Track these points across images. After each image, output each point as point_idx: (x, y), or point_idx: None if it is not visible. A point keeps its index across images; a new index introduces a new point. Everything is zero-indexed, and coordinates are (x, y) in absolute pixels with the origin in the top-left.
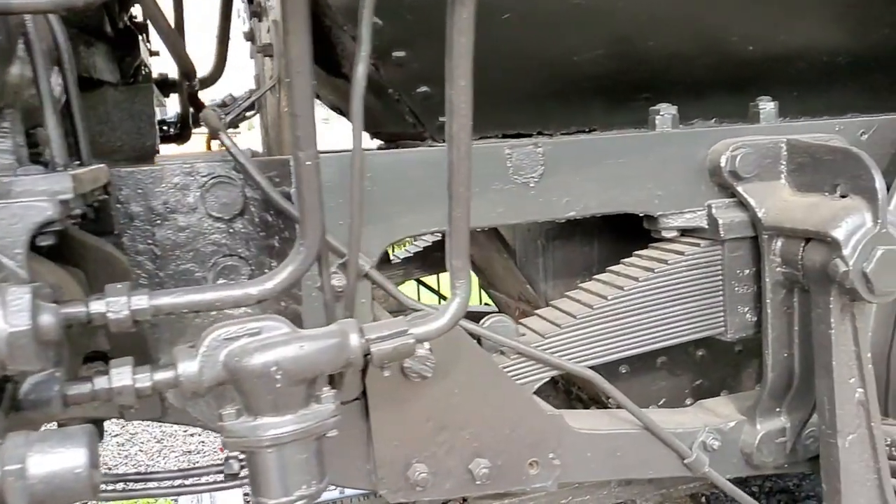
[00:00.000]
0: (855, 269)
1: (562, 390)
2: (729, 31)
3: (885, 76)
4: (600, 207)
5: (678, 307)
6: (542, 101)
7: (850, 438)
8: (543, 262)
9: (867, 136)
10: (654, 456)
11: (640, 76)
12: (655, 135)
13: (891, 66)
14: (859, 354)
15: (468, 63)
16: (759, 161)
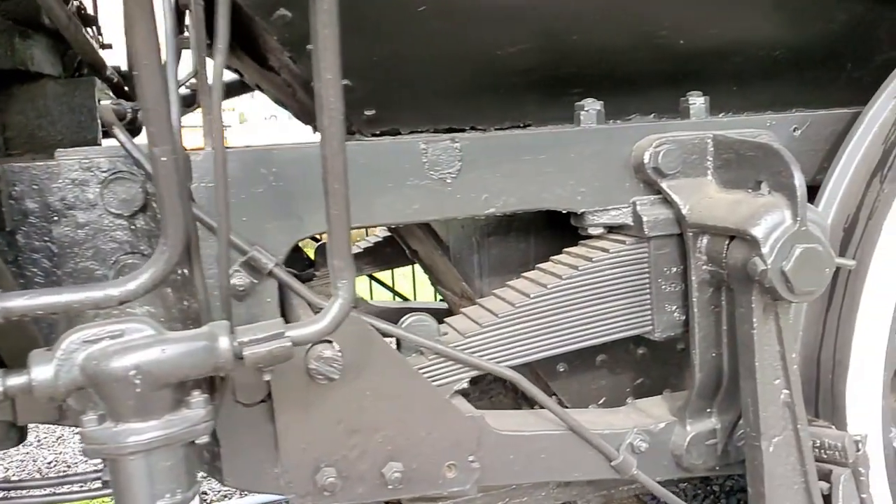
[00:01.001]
0: (774, 267)
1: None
2: (657, 25)
3: (828, 71)
4: (520, 204)
5: (603, 305)
6: (472, 95)
7: (776, 441)
8: (479, 259)
9: (800, 131)
10: (581, 458)
11: (569, 71)
12: (577, 131)
13: (833, 61)
14: (784, 355)
15: (335, 56)
16: (684, 157)
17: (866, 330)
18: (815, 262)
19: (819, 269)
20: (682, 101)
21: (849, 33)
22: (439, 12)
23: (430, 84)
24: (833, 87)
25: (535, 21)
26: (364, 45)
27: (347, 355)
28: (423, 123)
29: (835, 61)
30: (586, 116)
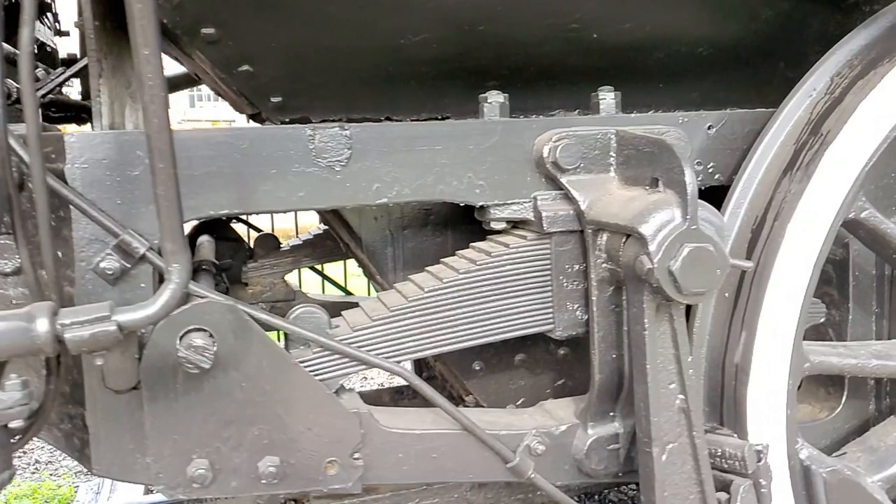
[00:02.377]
0: (660, 266)
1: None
2: (566, 18)
3: (759, 70)
4: (414, 195)
5: (501, 302)
6: (384, 85)
7: (671, 448)
8: (393, 253)
9: (716, 130)
10: (476, 459)
11: (478, 63)
12: (474, 123)
13: (764, 60)
14: (679, 358)
15: (151, 30)
16: (585, 153)
17: (769, 335)
18: (705, 262)
19: (709, 270)
20: (592, 95)
21: (777, 31)
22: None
23: (339, 73)
24: (768, 87)
25: (435, 9)
26: (264, 30)
27: (222, 345)
28: (336, 112)
29: (766, 60)
30: (489, 109)
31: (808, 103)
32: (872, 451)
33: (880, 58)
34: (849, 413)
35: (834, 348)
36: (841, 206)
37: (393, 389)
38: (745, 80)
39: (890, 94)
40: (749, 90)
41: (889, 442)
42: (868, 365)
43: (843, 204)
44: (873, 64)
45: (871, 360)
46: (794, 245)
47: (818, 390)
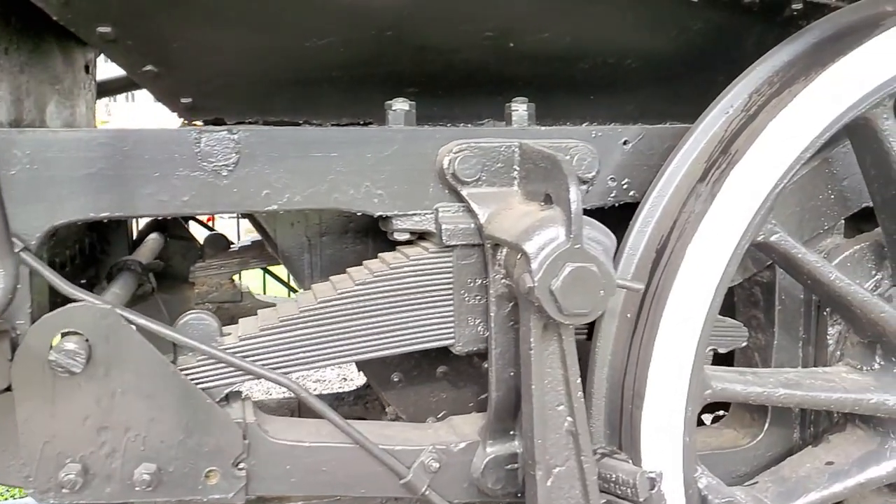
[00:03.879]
0: (541, 285)
1: None
2: (478, 25)
3: (696, 84)
4: (306, 203)
5: (400, 314)
6: (298, 89)
7: (557, 472)
8: (311, 260)
9: (631, 145)
10: (369, 473)
11: (394, 68)
12: (372, 130)
13: (699, 74)
14: (568, 379)
15: None
16: (486, 165)
17: (665, 360)
18: (588, 282)
19: (592, 291)
20: (506, 107)
21: (711, 44)
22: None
23: (249, 74)
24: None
25: (338, 12)
26: (164, 30)
27: (97, 350)
28: (252, 114)
29: (702, 74)
30: (393, 116)
31: (723, 120)
32: (783, 482)
33: (797, 76)
34: (771, 440)
35: (741, 375)
36: (747, 228)
37: (333, 395)
38: (684, 93)
39: (802, 114)
40: (689, 104)
41: (801, 473)
42: (775, 394)
43: (749, 226)
44: (790, 82)
45: (779, 389)
46: (693, 267)
47: (744, 416)
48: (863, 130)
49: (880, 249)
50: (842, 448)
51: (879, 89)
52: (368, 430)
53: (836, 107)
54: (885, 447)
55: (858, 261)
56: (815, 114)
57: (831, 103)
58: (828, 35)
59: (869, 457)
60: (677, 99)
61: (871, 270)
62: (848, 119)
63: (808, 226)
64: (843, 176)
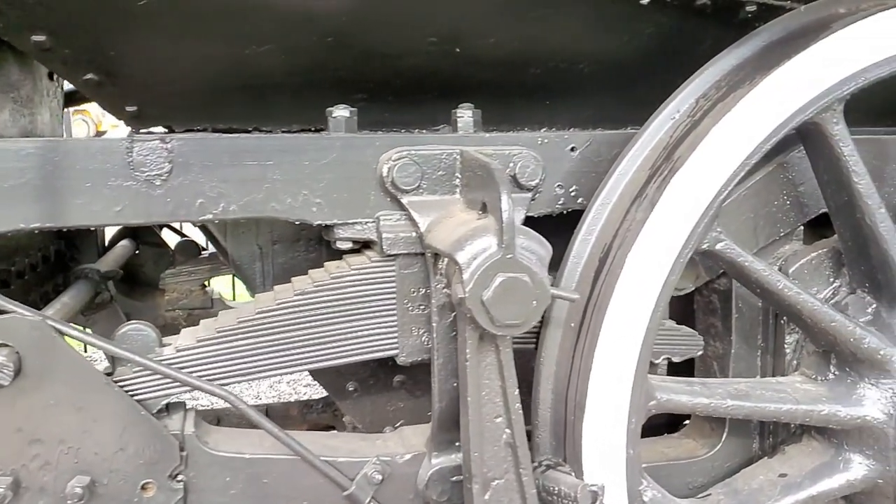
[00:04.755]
0: (473, 296)
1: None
2: (421, 31)
3: (654, 89)
4: (242, 212)
5: (342, 324)
6: (243, 95)
7: (495, 485)
8: (262, 268)
9: (579, 151)
10: (311, 485)
11: (339, 75)
12: (309, 138)
13: (656, 78)
14: (506, 390)
15: None
16: (426, 173)
17: (605, 370)
18: (520, 293)
19: (525, 301)
20: (452, 113)
21: (665, 48)
22: (168, 4)
23: (193, 81)
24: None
25: (273, 19)
26: (100, 38)
27: (28, 362)
28: (200, 122)
29: (659, 78)
30: (334, 123)
31: (669, 126)
32: (735, 494)
33: (743, 80)
34: (730, 451)
35: (689, 385)
36: (689, 236)
37: (302, 403)
38: (642, 98)
39: (745, 120)
40: (648, 109)
41: (753, 485)
42: (722, 405)
43: (692, 235)
44: (736, 86)
45: (727, 401)
46: (633, 276)
47: (703, 426)
48: (814, 135)
49: (838, 256)
50: (797, 460)
51: (827, 93)
52: (313, 442)
53: (781, 111)
54: (838, 459)
55: (816, 268)
56: (759, 119)
57: (777, 108)
58: (777, 38)
59: (822, 469)
60: (635, 104)
61: (829, 278)
62: (795, 124)
63: (763, 232)
64: (799, 181)
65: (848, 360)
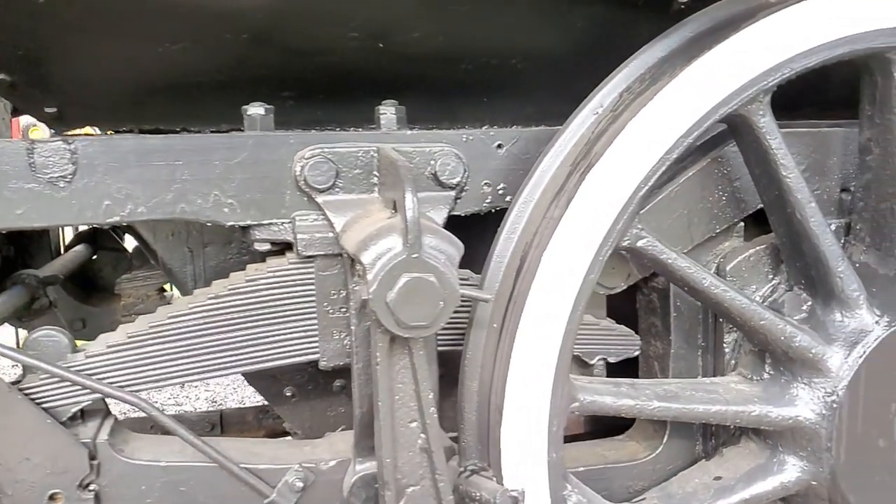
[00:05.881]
0: (377, 297)
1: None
2: (341, 27)
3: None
4: (152, 213)
5: (260, 328)
6: (166, 95)
7: (411, 491)
8: (194, 271)
9: (506, 148)
10: (231, 493)
11: (262, 73)
12: (219, 137)
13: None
14: (420, 394)
15: None
16: (343, 171)
17: (524, 372)
18: (427, 293)
19: (431, 302)
20: (376, 110)
21: (600, 41)
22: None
23: (112, 82)
24: None
25: (183, 17)
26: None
27: None
28: (125, 123)
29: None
30: (248, 122)
31: (592, 121)
32: (669, 498)
33: (666, 72)
34: (672, 454)
35: (616, 386)
36: (608, 233)
37: (258, 409)
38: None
39: (663, 113)
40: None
41: (688, 488)
42: (648, 407)
43: (610, 232)
44: (658, 79)
45: (652, 402)
46: (550, 275)
47: (646, 428)
48: (742, 128)
49: (778, 253)
50: (733, 462)
51: (751, 84)
52: (237, 449)
53: (702, 104)
54: (773, 461)
55: (754, 265)
56: (678, 112)
57: (697, 100)
58: (704, 28)
59: (757, 471)
60: (577, 100)
61: (768, 275)
62: (719, 116)
63: (698, 229)
64: (734, 176)
65: (781, 359)
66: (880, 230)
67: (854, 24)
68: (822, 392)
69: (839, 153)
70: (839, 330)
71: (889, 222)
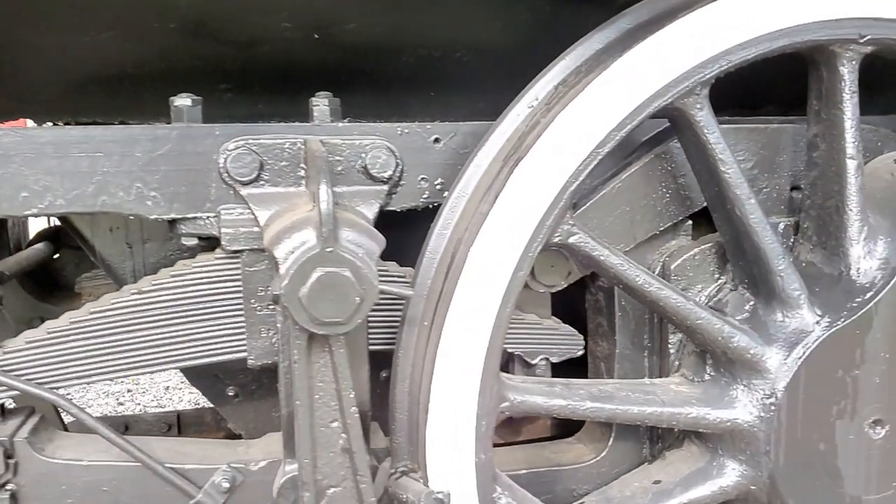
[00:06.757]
0: (289, 292)
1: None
2: (271, 17)
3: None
4: (71, 206)
5: (184, 325)
6: (101, 87)
7: (332, 493)
8: (133, 267)
9: (443, 143)
10: (158, 493)
11: (195, 64)
12: (141, 129)
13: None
14: (340, 393)
15: None
16: (268, 164)
17: (450, 371)
18: (342, 289)
19: (347, 298)
20: (310, 101)
21: (547, 34)
22: None
23: (43, 73)
24: None
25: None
26: None
27: None
28: (63, 115)
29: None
30: (175, 113)
31: (527, 114)
32: (607, 502)
33: (599, 65)
34: (617, 456)
35: (549, 386)
36: (537, 229)
37: (215, 409)
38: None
39: (593, 106)
40: None
41: (626, 493)
42: (580, 407)
43: (539, 228)
44: (591, 71)
45: (585, 402)
46: (477, 271)
47: (594, 430)
48: (681, 123)
49: (724, 251)
50: (674, 466)
51: (686, 77)
52: (164, 448)
53: (634, 96)
54: (713, 465)
55: (700, 264)
56: (609, 105)
57: (629, 93)
58: (643, 20)
59: (696, 475)
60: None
61: (714, 274)
62: (653, 110)
63: (642, 227)
64: (679, 173)
65: (721, 360)
66: (826, 228)
67: (794, 16)
68: (761, 394)
69: (789, 150)
70: (779, 330)
71: (834, 220)
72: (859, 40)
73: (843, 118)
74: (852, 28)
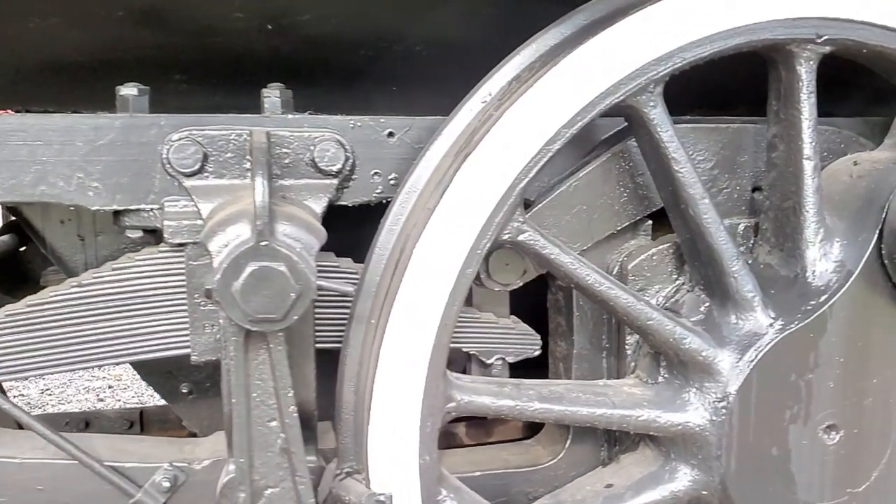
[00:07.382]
0: (221, 287)
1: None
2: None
3: None
4: (9, 196)
5: (124, 320)
6: (53, 77)
7: (270, 494)
8: (85, 260)
9: (398, 137)
10: (94, 492)
11: (147, 54)
12: (82, 118)
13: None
14: (279, 392)
15: None
16: (213, 155)
17: (392, 370)
18: (276, 284)
19: (282, 294)
20: (262, 93)
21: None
22: None
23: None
24: None
25: None
26: None
27: None
28: (13, 105)
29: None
30: (120, 102)
31: (480, 110)
32: None
33: (551, 60)
34: (575, 459)
35: (499, 387)
36: (485, 226)
37: None
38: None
39: (542, 103)
40: None
41: (578, 496)
42: (529, 408)
43: (487, 224)
44: (542, 67)
45: (534, 403)
46: (421, 268)
47: (553, 432)
48: (635, 121)
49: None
50: (627, 469)
51: (639, 74)
52: (105, 446)
53: (585, 93)
54: (665, 469)
55: (657, 264)
56: (559, 101)
57: (579, 89)
58: (599, 16)
59: (648, 479)
60: None
61: (672, 275)
62: (605, 107)
63: (599, 226)
64: (637, 172)
65: (674, 362)
66: (783, 230)
67: (749, 14)
68: (713, 397)
69: (751, 150)
70: (733, 332)
71: (791, 222)
72: (817, 40)
73: (801, 118)
74: (809, 28)
